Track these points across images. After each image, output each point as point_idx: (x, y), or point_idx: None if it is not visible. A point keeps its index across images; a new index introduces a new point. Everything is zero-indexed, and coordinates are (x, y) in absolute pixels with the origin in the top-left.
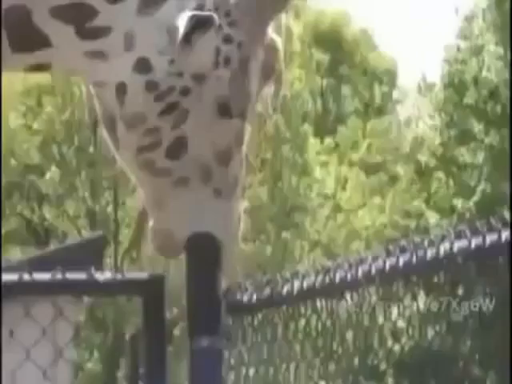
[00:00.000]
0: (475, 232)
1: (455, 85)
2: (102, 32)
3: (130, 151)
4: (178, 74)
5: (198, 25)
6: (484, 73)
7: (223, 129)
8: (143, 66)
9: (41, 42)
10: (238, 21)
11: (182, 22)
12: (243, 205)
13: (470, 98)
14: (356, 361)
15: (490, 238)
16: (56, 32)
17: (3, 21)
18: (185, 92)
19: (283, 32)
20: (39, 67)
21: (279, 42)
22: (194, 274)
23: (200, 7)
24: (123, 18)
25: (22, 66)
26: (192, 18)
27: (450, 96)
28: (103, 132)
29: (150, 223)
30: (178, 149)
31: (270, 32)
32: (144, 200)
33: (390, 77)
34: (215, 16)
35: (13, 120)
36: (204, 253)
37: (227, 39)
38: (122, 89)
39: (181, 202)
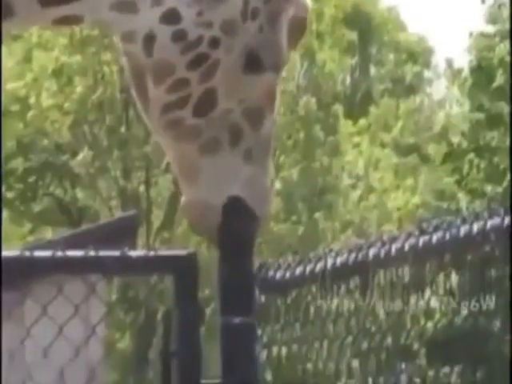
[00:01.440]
0: (507, 211)
1: (483, 69)
2: None
3: (156, 108)
4: (206, 24)
5: None
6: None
7: (254, 84)
8: (172, 16)
9: None
10: None
11: None
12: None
13: (498, 82)
14: (389, 339)
15: None
16: None
17: None
18: (214, 43)
19: (314, 12)
20: (70, 20)
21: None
22: (226, 251)
23: None
24: None
25: (52, 19)
26: None
27: (478, 80)
28: (133, 93)
29: (183, 198)
30: (207, 103)
31: None
32: (174, 172)
33: (424, 56)
34: None
35: (44, 99)
36: (237, 231)
37: None
38: (149, 39)
39: (212, 168)
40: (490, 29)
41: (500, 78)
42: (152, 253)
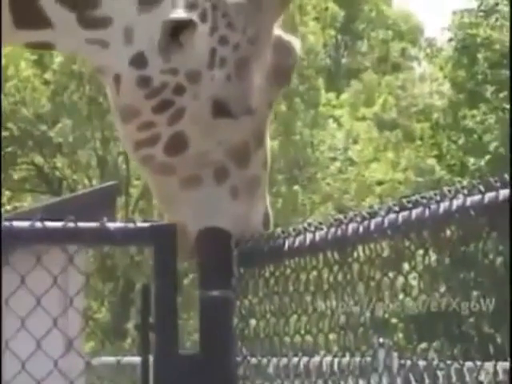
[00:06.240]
0: (489, 187)
1: (467, 48)
2: (103, 22)
3: (129, 144)
4: (172, 71)
5: (176, 30)
6: (496, 33)
7: (230, 128)
8: (139, 60)
9: (43, 23)
10: (236, 22)
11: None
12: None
13: (481, 60)
14: (367, 314)
15: (503, 193)
16: (59, 16)
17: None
18: (179, 90)
19: None
20: (42, 45)
21: (294, 40)
22: (205, 228)
23: (191, 5)
24: (124, 11)
25: (25, 42)
26: (165, 24)
27: (461, 59)
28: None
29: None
30: (176, 145)
31: (280, 32)
32: (155, 198)
33: (412, 34)
34: (193, 19)
35: (24, 69)
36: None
37: (223, 40)
38: (117, 80)
39: (193, 202)
40: (474, 4)
41: (482, 59)
42: (132, 224)
